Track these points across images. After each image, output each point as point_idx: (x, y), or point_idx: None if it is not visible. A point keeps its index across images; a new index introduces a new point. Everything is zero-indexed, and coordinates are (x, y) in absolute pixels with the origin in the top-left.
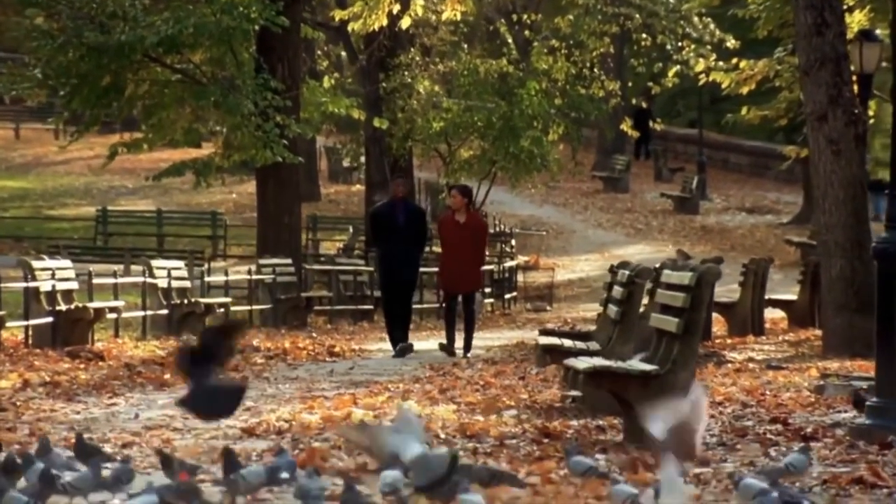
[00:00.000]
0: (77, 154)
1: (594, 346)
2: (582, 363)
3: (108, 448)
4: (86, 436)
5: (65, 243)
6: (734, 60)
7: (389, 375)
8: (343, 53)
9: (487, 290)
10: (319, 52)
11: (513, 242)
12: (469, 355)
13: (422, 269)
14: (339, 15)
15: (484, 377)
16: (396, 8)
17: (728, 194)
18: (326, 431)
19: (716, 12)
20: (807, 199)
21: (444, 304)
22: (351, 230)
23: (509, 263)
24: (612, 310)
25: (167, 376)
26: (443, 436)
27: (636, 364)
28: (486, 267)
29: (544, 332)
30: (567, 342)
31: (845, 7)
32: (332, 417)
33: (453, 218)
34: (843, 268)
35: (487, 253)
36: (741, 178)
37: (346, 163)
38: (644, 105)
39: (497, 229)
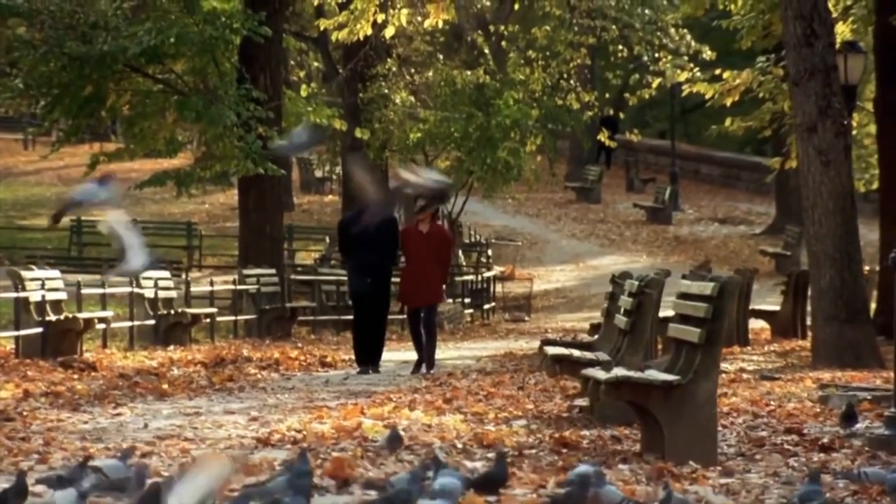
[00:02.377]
0: (46, 164)
1: (603, 356)
2: (602, 373)
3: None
4: (100, 445)
5: (40, 254)
6: (717, 71)
7: (386, 386)
8: (315, 63)
9: (467, 300)
10: (292, 62)
11: (489, 252)
12: (432, 372)
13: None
14: (323, 24)
15: (483, 387)
16: (381, 17)
17: (700, 205)
18: (341, 441)
19: (690, 23)
20: (779, 209)
21: (407, 318)
22: (328, 240)
23: (487, 274)
24: (621, 320)
25: (165, 386)
26: (460, 445)
27: (658, 374)
28: (465, 277)
29: (547, 343)
30: (576, 352)
31: None
32: (344, 427)
33: (416, 228)
34: (832, 278)
35: (464, 263)
36: (712, 189)
37: (318, 173)
38: (621, 115)
39: (472, 240)
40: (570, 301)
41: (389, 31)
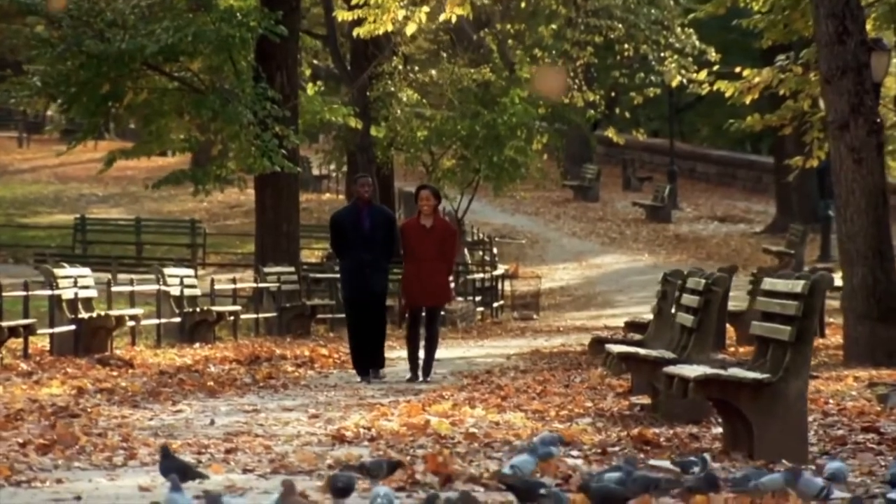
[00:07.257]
0: (42, 162)
1: (668, 354)
2: (692, 371)
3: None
4: (178, 441)
5: (49, 251)
6: (737, 69)
7: (428, 383)
8: (316, 61)
9: (476, 298)
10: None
11: (494, 251)
12: (429, 379)
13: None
14: (342, 15)
15: (529, 384)
16: (402, 13)
17: (697, 203)
18: (417, 438)
19: (693, 23)
20: (780, 208)
21: (407, 319)
22: None
23: (496, 272)
24: (686, 318)
25: (211, 383)
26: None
27: (747, 372)
28: (474, 275)
29: (599, 341)
30: (642, 351)
31: None
32: (413, 424)
33: (418, 222)
34: (864, 276)
35: (469, 262)
36: (709, 188)
37: (315, 171)
38: (627, 114)
39: (475, 238)
40: (576, 299)
41: (410, 28)
